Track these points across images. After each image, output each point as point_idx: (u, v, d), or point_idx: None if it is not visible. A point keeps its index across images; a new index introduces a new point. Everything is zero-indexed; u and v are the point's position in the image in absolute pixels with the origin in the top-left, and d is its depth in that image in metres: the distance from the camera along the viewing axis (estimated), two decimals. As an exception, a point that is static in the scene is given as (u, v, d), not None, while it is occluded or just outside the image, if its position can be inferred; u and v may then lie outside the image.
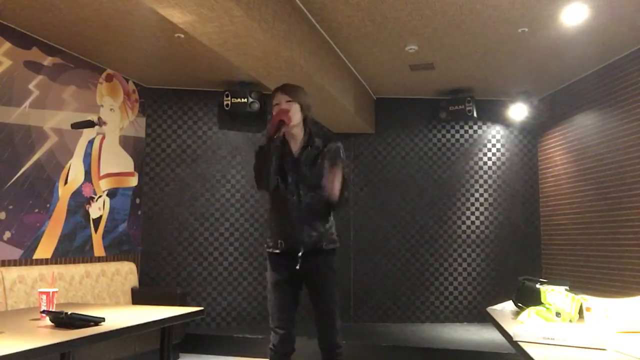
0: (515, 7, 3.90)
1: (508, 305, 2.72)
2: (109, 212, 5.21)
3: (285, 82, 2.89)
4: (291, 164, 2.77)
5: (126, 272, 5.10)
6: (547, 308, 2.25)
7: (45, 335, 2.06)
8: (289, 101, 2.75)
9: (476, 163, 6.36)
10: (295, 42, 3.90)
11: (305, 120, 2.82)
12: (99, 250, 5.06)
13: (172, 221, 5.80)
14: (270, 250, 2.82)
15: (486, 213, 6.29)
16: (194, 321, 5.46)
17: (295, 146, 2.81)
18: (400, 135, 6.36)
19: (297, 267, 2.70)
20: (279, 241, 2.76)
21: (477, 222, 6.27)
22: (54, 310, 2.35)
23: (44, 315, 2.29)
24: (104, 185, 5.15)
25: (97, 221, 5.05)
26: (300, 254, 2.70)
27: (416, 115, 6.38)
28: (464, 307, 6.18)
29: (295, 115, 2.75)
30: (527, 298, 2.47)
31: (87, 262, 4.84)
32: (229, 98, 5.68)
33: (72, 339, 1.99)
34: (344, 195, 2.73)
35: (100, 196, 5.09)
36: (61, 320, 2.18)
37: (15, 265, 4.12)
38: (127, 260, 5.37)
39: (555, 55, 4.88)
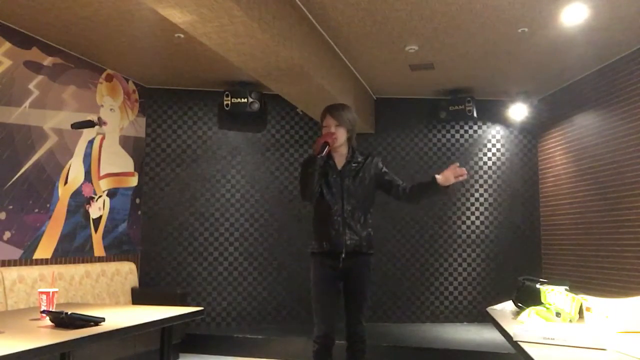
0: (515, 7, 3.90)
1: (508, 305, 2.72)
2: (109, 212, 5.21)
3: (333, 104, 3.29)
4: (336, 176, 3.12)
5: (126, 272, 5.10)
6: (547, 308, 2.25)
7: (45, 335, 2.06)
8: (337, 125, 3.11)
9: (476, 163, 6.35)
10: (295, 42, 3.90)
11: (349, 138, 3.17)
12: (99, 250, 5.06)
13: (172, 221, 5.80)
14: (314, 250, 3.13)
15: (486, 213, 6.29)
16: (194, 321, 5.46)
17: (340, 161, 3.16)
18: (400, 135, 6.36)
19: (340, 265, 3.03)
20: (324, 243, 3.07)
21: (477, 222, 6.27)
22: (54, 310, 2.35)
23: (44, 315, 2.29)
24: (104, 185, 5.15)
25: (97, 221, 5.05)
26: (342, 255, 3.03)
27: (416, 115, 6.38)
28: (464, 307, 6.18)
29: (341, 137, 3.12)
30: (527, 298, 2.47)
31: (87, 262, 4.84)
32: (229, 98, 5.68)
33: (72, 339, 1.99)
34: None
35: (100, 196, 5.09)
36: (61, 320, 2.18)
37: (15, 265, 4.12)
38: (127, 260, 5.37)
39: (555, 55, 4.88)
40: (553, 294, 2.28)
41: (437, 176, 3.02)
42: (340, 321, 3.15)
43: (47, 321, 2.25)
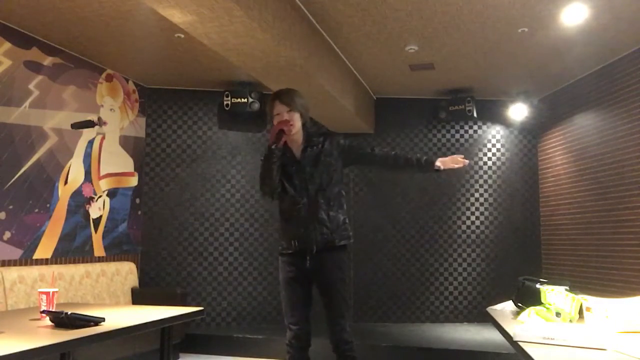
0: (515, 7, 3.90)
1: (508, 305, 2.72)
2: (109, 212, 5.21)
3: (281, 89, 2.96)
4: (295, 167, 2.87)
5: (126, 272, 5.10)
6: (547, 308, 2.25)
7: (45, 335, 2.06)
8: (290, 111, 2.84)
9: (476, 163, 6.35)
10: (295, 42, 3.90)
11: (304, 124, 2.92)
12: (99, 250, 5.06)
13: (172, 221, 5.80)
14: (284, 251, 2.90)
15: (486, 213, 6.29)
16: (194, 321, 5.46)
17: (297, 150, 2.90)
18: (400, 135, 6.36)
19: (307, 264, 2.80)
20: (293, 241, 2.83)
21: (477, 222, 6.27)
22: (54, 310, 2.35)
23: (44, 315, 2.29)
24: (104, 185, 5.15)
25: (97, 221, 5.04)
26: (313, 252, 2.78)
27: (416, 115, 6.38)
28: (464, 307, 6.18)
29: (297, 123, 2.86)
30: (527, 298, 2.48)
31: (87, 262, 4.84)
32: (229, 98, 5.68)
33: (72, 339, 1.99)
34: None
35: (100, 196, 5.09)
36: (61, 320, 2.18)
37: (15, 265, 4.12)
38: (127, 260, 5.37)
39: (555, 55, 4.88)
40: (553, 294, 2.28)
41: (438, 164, 2.83)
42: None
43: (47, 321, 2.25)
